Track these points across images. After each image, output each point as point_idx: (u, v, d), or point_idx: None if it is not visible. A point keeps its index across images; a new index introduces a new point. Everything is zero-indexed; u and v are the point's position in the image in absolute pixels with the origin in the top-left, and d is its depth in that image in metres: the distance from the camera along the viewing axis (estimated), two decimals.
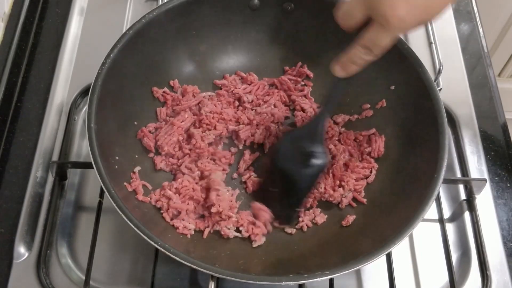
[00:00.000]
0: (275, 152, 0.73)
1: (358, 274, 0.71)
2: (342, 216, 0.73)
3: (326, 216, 0.73)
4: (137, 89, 0.76)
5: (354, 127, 0.80)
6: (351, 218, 0.72)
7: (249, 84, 0.82)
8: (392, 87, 0.77)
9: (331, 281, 0.67)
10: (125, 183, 0.69)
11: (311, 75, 0.84)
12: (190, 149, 0.75)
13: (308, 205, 0.74)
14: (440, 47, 0.90)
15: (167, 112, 0.78)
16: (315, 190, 0.73)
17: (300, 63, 0.84)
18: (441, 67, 0.87)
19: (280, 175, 0.71)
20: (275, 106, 0.81)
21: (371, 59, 0.61)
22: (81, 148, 0.80)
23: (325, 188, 0.74)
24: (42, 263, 0.68)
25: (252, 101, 0.81)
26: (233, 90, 0.81)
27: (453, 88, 0.88)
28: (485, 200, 0.77)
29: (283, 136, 0.75)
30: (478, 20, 0.97)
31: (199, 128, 0.76)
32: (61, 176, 0.75)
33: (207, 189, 0.71)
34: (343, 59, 0.62)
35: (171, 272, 0.70)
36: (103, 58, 0.70)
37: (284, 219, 0.72)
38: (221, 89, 0.82)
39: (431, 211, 0.67)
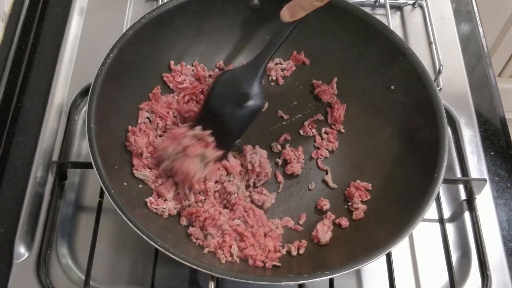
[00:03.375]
0: (210, 91, 0.73)
1: (358, 274, 0.71)
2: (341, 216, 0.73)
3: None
4: (137, 89, 0.76)
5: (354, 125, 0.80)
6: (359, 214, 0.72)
7: None
8: (392, 87, 0.77)
9: (331, 281, 0.67)
10: (125, 183, 0.69)
11: (308, 62, 0.84)
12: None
13: None
14: (440, 47, 0.90)
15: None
16: None
17: (295, 51, 0.84)
18: (441, 67, 0.87)
19: (214, 115, 0.71)
20: None
21: (318, 4, 0.64)
22: (81, 148, 0.80)
23: None
24: (42, 263, 0.68)
25: None
26: None
27: (453, 88, 0.88)
28: (485, 200, 0.77)
29: (219, 75, 0.73)
30: (478, 20, 0.97)
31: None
32: (61, 176, 0.75)
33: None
34: (292, 4, 0.65)
35: (171, 272, 0.70)
36: (103, 58, 0.70)
37: (221, 148, 0.71)
38: None
39: (431, 211, 0.67)
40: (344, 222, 0.72)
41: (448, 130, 0.80)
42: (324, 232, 0.71)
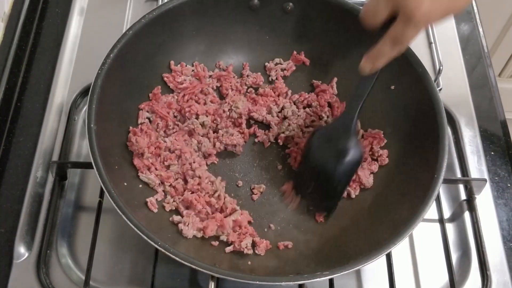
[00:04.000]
0: (306, 151, 0.73)
1: (358, 274, 0.71)
2: (341, 216, 0.73)
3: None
4: (137, 89, 0.76)
5: None
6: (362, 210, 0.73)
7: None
8: (392, 87, 0.77)
9: (331, 281, 0.67)
10: (125, 183, 0.69)
11: (307, 62, 0.84)
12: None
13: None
14: (440, 47, 0.90)
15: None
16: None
17: (295, 52, 0.84)
18: (441, 67, 0.87)
19: (314, 174, 0.72)
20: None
21: (397, 53, 0.63)
22: (81, 148, 0.80)
23: None
24: (42, 263, 0.68)
25: None
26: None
27: (453, 88, 0.88)
28: (485, 200, 0.77)
29: (312, 135, 0.74)
30: (478, 20, 0.97)
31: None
32: (61, 176, 0.75)
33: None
34: (371, 54, 0.64)
35: (171, 272, 0.70)
36: (103, 58, 0.70)
37: (323, 210, 0.73)
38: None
39: (431, 211, 0.67)
40: (374, 167, 0.75)
41: (448, 130, 0.80)
42: (366, 176, 0.74)
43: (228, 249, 0.68)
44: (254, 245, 0.69)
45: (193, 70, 0.81)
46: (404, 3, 0.57)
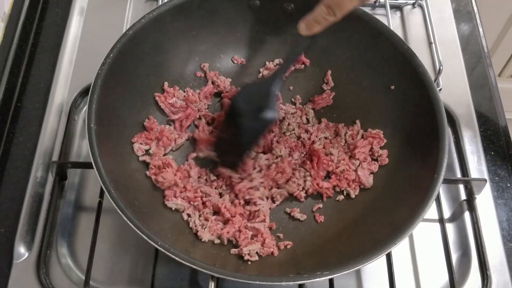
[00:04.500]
0: (230, 103, 0.76)
1: (358, 274, 0.71)
2: (341, 216, 0.73)
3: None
4: (137, 89, 0.76)
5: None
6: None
7: None
8: (392, 87, 0.77)
9: (331, 281, 0.67)
10: (125, 183, 0.69)
11: (307, 62, 0.84)
12: None
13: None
14: (440, 47, 0.90)
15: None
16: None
17: None
18: (441, 67, 0.87)
19: (232, 125, 0.74)
20: None
21: (333, 20, 0.65)
22: (81, 148, 0.80)
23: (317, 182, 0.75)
24: (42, 263, 0.68)
25: None
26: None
27: (453, 88, 0.88)
28: (485, 200, 0.77)
29: (240, 88, 0.76)
30: (478, 20, 0.97)
31: None
32: (61, 176, 0.75)
33: None
34: (308, 18, 0.67)
35: (171, 272, 0.70)
36: (103, 58, 0.69)
37: (228, 164, 0.75)
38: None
39: (431, 211, 0.67)
40: (374, 167, 0.75)
41: (448, 130, 0.80)
42: (366, 176, 0.75)
43: (234, 251, 0.68)
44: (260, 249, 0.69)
45: (184, 96, 0.81)
46: None
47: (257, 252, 0.68)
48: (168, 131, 0.76)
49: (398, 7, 0.97)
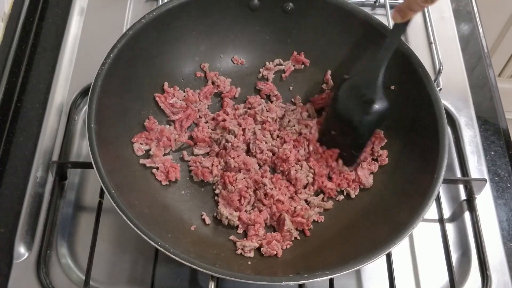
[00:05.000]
0: (334, 100, 0.76)
1: (358, 274, 0.71)
2: (341, 216, 0.73)
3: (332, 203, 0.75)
4: (137, 89, 0.76)
5: None
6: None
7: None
8: (392, 87, 0.77)
9: (331, 281, 0.67)
10: (125, 182, 0.69)
11: (307, 62, 0.84)
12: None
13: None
14: (440, 47, 0.90)
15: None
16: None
17: (295, 52, 0.84)
18: (441, 67, 0.87)
19: (341, 122, 0.75)
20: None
21: (427, 5, 0.66)
22: (81, 148, 0.80)
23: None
24: (42, 263, 0.68)
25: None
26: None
27: (453, 88, 0.88)
28: (485, 200, 0.77)
29: (340, 84, 0.76)
30: (478, 20, 0.97)
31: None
32: (61, 176, 0.75)
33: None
34: (402, 7, 0.68)
35: (171, 272, 0.70)
36: (103, 58, 0.69)
37: (346, 160, 0.76)
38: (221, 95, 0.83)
39: (431, 211, 0.67)
40: (374, 167, 0.76)
41: (448, 130, 0.80)
42: (366, 176, 0.75)
43: (232, 237, 0.69)
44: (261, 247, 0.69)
45: (184, 96, 0.81)
46: None
47: (260, 252, 0.68)
48: (168, 131, 0.76)
49: None
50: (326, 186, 0.75)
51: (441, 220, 0.74)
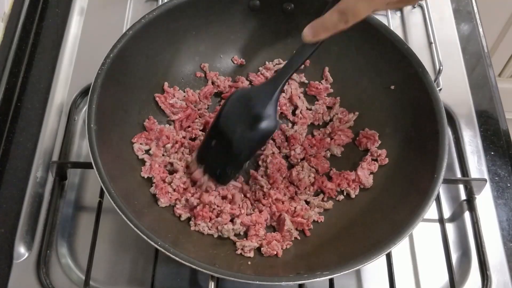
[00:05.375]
0: (222, 108, 0.69)
1: (358, 274, 0.71)
2: (341, 216, 0.73)
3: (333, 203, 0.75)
4: (137, 89, 0.76)
5: (355, 126, 0.80)
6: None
7: None
8: (392, 87, 0.77)
9: (331, 281, 0.67)
10: (125, 183, 0.69)
11: (307, 62, 0.84)
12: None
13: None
14: (440, 47, 0.90)
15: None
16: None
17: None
18: (441, 67, 0.87)
19: (223, 132, 0.68)
20: None
21: (343, 28, 0.60)
22: (81, 148, 0.80)
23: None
24: (42, 263, 0.68)
25: None
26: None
27: (453, 88, 0.88)
28: (485, 200, 0.77)
29: (233, 92, 0.70)
30: (478, 20, 0.97)
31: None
32: (61, 176, 0.75)
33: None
34: (315, 24, 0.61)
35: (171, 272, 0.70)
36: (103, 58, 0.69)
37: (219, 178, 0.70)
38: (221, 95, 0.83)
39: (431, 211, 0.67)
40: (374, 167, 0.75)
41: (448, 130, 0.80)
42: (366, 176, 0.74)
43: (234, 238, 0.69)
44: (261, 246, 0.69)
45: (184, 96, 0.80)
46: None
47: (260, 252, 0.68)
48: (167, 130, 0.76)
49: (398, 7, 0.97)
50: (326, 186, 0.75)
51: (441, 220, 0.74)
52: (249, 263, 0.67)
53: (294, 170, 0.75)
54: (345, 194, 0.75)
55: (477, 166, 0.80)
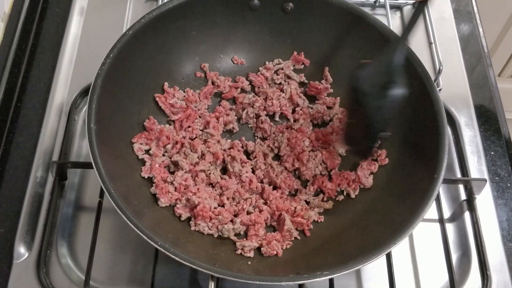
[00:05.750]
0: (354, 82, 0.70)
1: (358, 274, 0.71)
2: (341, 216, 0.73)
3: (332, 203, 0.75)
4: (137, 89, 0.76)
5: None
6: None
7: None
8: None
9: (331, 281, 0.67)
10: (125, 183, 0.69)
11: (307, 62, 0.84)
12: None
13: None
14: (440, 47, 0.90)
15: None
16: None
17: (295, 52, 0.84)
18: (441, 67, 0.87)
19: (359, 106, 0.70)
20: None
21: None
22: (81, 148, 0.80)
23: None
24: (42, 263, 0.68)
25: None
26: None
27: (453, 88, 0.88)
28: (485, 200, 0.77)
29: (355, 69, 0.71)
30: (478, 20, 0.97)
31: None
32: (61, 176, 0.75)
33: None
34: None
35: (171, 272, 0.70)
36: (103, 58, 0.70)
37: (361, 153, 0.75)
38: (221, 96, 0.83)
39: (431, 211, 0.67)
40: (374, 167, 0.75)
41: (448, 130, 0.80)
42: (366, 176, 0.75)
43: (234, 238, 0.69)
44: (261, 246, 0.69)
45: (184, 96, 0.81)
46: None
47: (260, 252, 0.68)
48: (168, 130, 0.76)
49: (398, 7, 0.97)
50: (326, 186, 0.75)
51: (441, 220, 0.74)
52: (249, 263, 0.67)
53: (305, 155, 0.76)
54: (345, 194, 0.75)
55: (477, 166, 0.80)
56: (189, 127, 0.78)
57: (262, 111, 0.80)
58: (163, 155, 0.75)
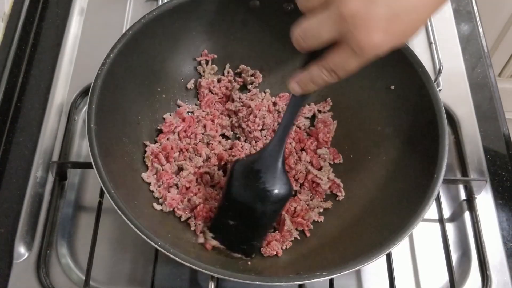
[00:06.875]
0: (228, 183, 0.66)
1: (358, 274, 0.71)
2: (341, 216, 0.73)
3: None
4: (137, 89, 0.76)
5: (355, 126, 0.80)
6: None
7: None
8: (392, 87, 0.77)
9: (331, 281, 0.67)
10: (125, 183, 0.69)
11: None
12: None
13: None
14: (440, 47, 0.90)
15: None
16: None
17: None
18: (441, 67, 0.87)
19: (238, 209, 0.65)
20: None
21: (333, 81, 0.55)
22: (81, 148, 0.80)
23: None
24: (42, 263, 0.68)
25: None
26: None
27: (453, 88, 0.88)
28: (485, 200, 0.77)
29: (233, 165, 0.66)
30: (478, 20, 0.97)
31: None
32: (61, 176, 0.75)
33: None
34: (303, 77, 0.56)
35: (171, 272, 0.70)
36: (103, 58, 0.69)
37: (244, 252, 0.67)
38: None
39: (431, 211, 0.67)
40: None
41: (448, 130, 0.80)
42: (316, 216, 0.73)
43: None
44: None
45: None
46: (354, 32, 0.49)
47: (260, 252, 0.68)
48: (172, 141, 0.76)
49: None
50: (315, 188, 0.75)
51: (441, 220, 0.74)
52: (249, 263, 0.67)
53: (291, 159, 0.76)
54: (343, 195, 0.75)
55: (477, 166, 0.80)
56: (192, 133, 0.78)
57: (245, 123, 0.79)
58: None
